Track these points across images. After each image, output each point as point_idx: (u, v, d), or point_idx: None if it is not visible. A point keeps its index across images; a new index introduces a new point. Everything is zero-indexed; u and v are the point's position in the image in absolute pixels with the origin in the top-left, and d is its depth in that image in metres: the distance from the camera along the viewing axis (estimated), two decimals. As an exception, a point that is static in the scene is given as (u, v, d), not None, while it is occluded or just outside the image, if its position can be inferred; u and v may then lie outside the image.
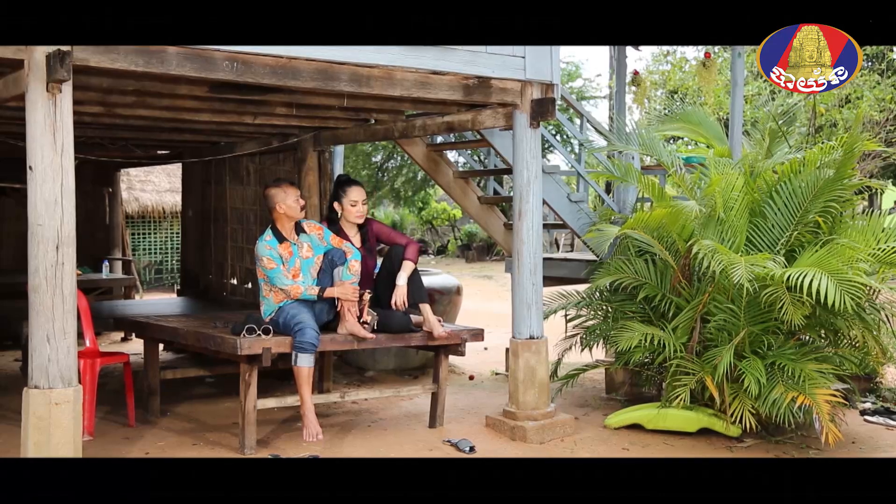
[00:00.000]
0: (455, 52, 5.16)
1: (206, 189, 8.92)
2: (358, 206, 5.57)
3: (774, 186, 5.82)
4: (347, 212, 5.57)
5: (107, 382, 6.67)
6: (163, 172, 15.05)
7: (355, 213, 5.57)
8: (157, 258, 15.75)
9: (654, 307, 5.98)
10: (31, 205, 4.00)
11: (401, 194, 22.06)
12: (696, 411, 5.60)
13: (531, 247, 5.56)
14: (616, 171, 6.47)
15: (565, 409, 6.09)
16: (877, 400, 6.59)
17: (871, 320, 5.70)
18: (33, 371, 4.01)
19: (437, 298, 7.46)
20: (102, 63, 4.16)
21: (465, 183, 7.55)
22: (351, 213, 5.57)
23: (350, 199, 5.56)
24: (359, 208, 5.57)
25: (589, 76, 23.84)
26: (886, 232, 5.57)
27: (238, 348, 4.93)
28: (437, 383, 5.72)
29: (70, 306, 4.04)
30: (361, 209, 5.58)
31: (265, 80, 4.65)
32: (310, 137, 7.19)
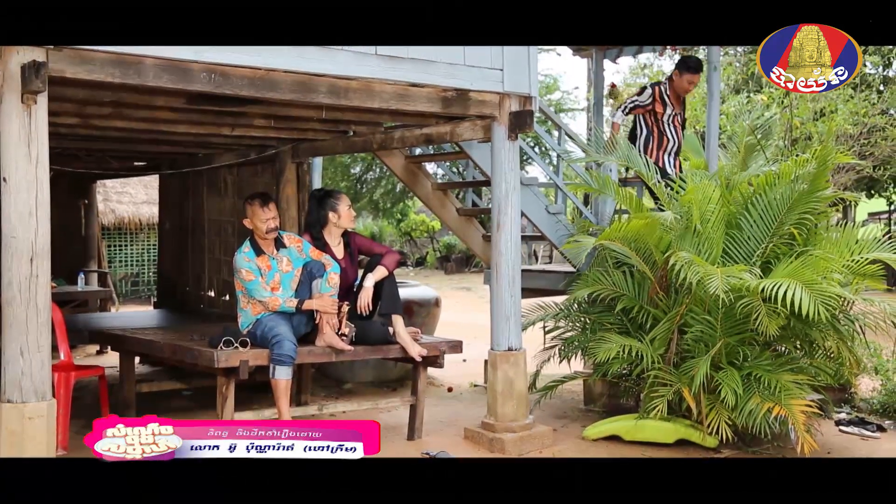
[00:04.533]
0: (434, 64, 5.18)
1: (184, 201, 8.86)
2: (351, 209, 5.69)
3: (750, 198, 5.87)
4: (345, 217, 5.59)
5: (82, 396, 6.59)
6: (140, 184, 14.95)
7: (352, 217, 5.68)
8: (133, 270, 15.64)
9: (631, 318, 6.01)
10: (5, 216, 3.95)
11: (379, 206, 22.06)
12: (674, 422, 5.63)
13: (509, 258, 5.57)
14: (594, 182, 6.51)
15: (544, 421, 6.09)
16: (851, 410, 6.65)
17: (846, 331, 5.76)
18: (6, 385, 3.96)
19: (415, 310, 7.46)
20: (78, 74, 4.12)
21: (443, 195, 7.56)
22: (349, 218, 5.62)
23: (345, 203, 5.63)
24: (352, 212, 5.71)
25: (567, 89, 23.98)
26: (860, 243, 5.63)
27: (215, 361, 4.90)
28: (415, 395, 5.71)
29: (44, 319, 4.00)
30: (353, 213, 5.75)
31: (243, 91, 4.64)
32: (288, 149, 7.18)
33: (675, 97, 6.93)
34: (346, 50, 4.82)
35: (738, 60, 13.73)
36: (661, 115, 6.87)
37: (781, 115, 10.38)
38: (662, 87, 6.89)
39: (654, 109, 6.86)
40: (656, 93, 6.86)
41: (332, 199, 5.63)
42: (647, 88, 6.95)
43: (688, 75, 6.85)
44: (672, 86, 6.89)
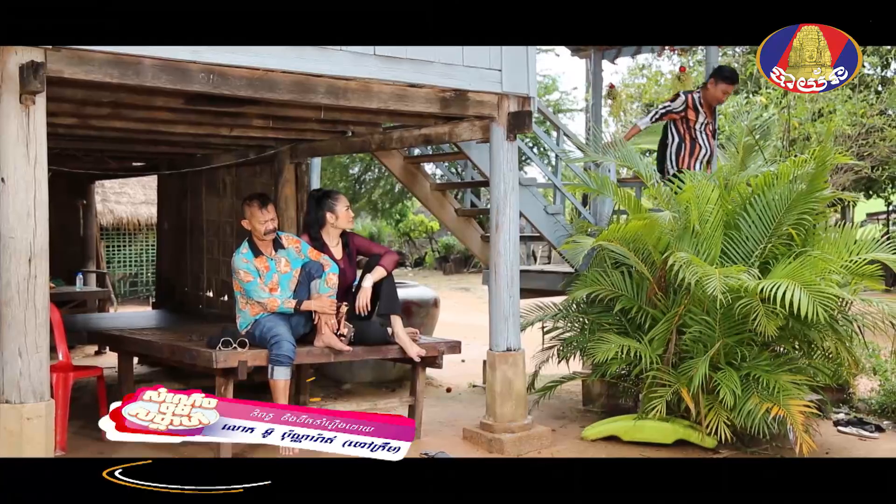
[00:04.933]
0: (432, 65, 5.18)
1: (182, 201, 8.86)
2: (349, 210, 5.67)
3: (748, 199, 5.87)
4: (343, 217, 5.58)
5: (80, 397, 6.58)
6: (138, 184, 14.94)
7: (350, 217, 5.65)
8: (132, 270, 15.62)
9: (630, 319, 6.01)
10: (4, 217, 3.95)
11: (378, 206, 22.04)
12: (673, 423, 5.63)
13: (508, 259, 5.57)
14: (592, 183, 6.51)
15: (542, 421, 6.09)
16: (850, 411, 6.65)
17: (844, 332, 5.76)
18: (5, 385, 3.96)
19: (414, 311, 7.46)
20: (77, 74, 4.13)
21: (442, 195, 7.56)
22: (346, 218, 5.61)
23: (343, 204, 5.62)
24: (350, 212, 5.68)
25: (565, 89, 23.93)
26: (858, 244, 5.64)
27: (214, 361, 4.90)
28: (414, 396, 5.71)
29: (43, 320, 4.00)
30: (351, 213, 5.71)
31: (241, 92, 4.64)
32: (287, 149, 7.17)
33: (708, 106, 6.85)
34: (345, 50, 4.82)
35: (736, 61, 13.75)
36: (693, 122, 6.79)
37: (780, 116, 10.40)
38: (696, 96, 6.82)
39: (687, 117, 6.78)
40: (689, 100, 6.78)
41: (329, 199, 5.63)
42: (681, 95, 6.87)
43: (723, 85, 6.77)
44: (706, 94, 6.81)
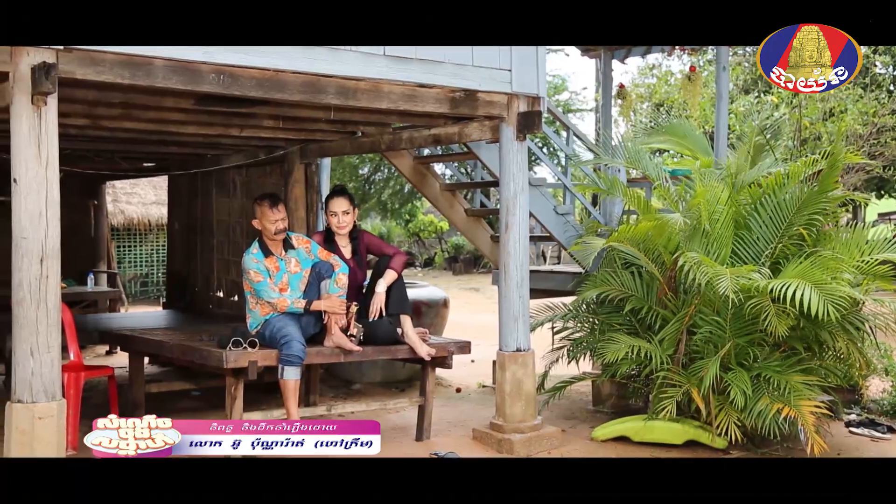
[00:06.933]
0: (442, 65, 5.18)
1: (193, 201, 8.89)
2: (338, 216, 5.52)
3: (759, 199, 5.85)
4: (329, 223, 5.57)
5: (91, 396, 6.61)
6: (149, 185, 15.00)
7: (335, 224, 5.55)
8: (142, 271, 15.68)
9: (640, 319, 6.00)
10: (16, 217, 3.97)
11: (388, 207, 22.04)
12: (683, 423, 5.62)
13: (518, 259, 5.57)
14: (602, 183, 6.50)
15: (552, 422, 6.08)
16: (861, 412, 6.62)
17: (856, 332, 5.73)
18: (16, 385, 3.98)
19: (424, 311, 7.46)
20: (88, 75, 4.14)
21: (451, 195, 7.56)
22: (332, 224, 5.57)
23: (330, 210, 5.56)
24: (339, 218, 5.52)
25: (575, 89, 23.87)
26: (870, 244, 5.61)
27: (224, 361, 4.91)
28: (424, 396, 5.71)
29: (54, 320, 4.01)
30: (342, 219, 5.52)
31: (252, 92, 4.65)
32: (297, 150, 7.19)
33: None
34: (355, 50, 4.83)
35: (747, 60, 13.71)
36: None
37: (791, 116, 10.37)
38: None
39: None
40: None
41: (328, 202, 5.62)
42: None
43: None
44: None
